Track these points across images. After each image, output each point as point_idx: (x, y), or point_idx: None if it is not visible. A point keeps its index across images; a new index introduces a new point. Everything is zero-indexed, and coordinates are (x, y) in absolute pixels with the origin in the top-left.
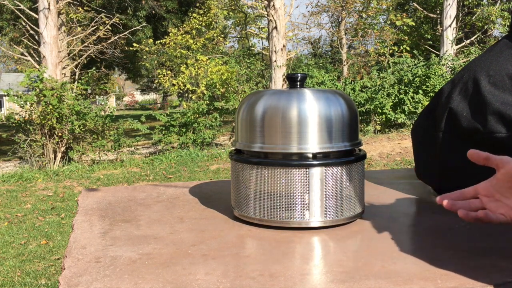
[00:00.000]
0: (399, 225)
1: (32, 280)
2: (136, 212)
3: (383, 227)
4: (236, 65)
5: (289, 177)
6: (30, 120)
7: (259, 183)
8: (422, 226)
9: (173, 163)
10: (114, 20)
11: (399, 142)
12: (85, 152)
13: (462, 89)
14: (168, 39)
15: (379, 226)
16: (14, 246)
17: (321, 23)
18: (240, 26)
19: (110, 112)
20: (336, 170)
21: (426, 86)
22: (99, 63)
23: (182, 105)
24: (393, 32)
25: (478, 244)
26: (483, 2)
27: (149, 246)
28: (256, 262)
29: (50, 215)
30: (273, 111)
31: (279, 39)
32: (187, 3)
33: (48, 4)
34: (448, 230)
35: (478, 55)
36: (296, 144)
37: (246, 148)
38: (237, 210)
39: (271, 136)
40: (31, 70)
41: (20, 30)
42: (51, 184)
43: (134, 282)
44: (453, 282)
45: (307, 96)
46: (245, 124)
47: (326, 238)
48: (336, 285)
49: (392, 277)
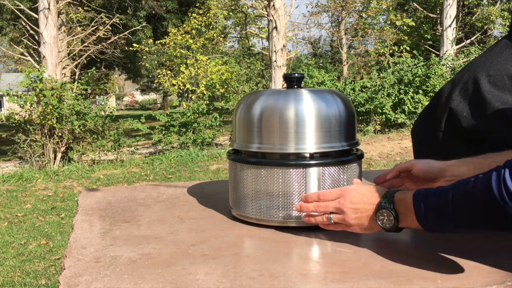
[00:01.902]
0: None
1: (32, 280)
2: (136, 212)
3: None
4: (236, 65)
5: (287, 177)
6: (30, 120)
7: (257, 183)
8: None
9: (173, 163)
10: (114, 20)
11: (399, 142)
12: (85, 152)
13: (462, 89)
14: (168, 39)
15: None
16: (14, 246)
17: (321, 23)
18: (240, 26)
19: (110, 112)
20: (333, 170)
21: (426, 86)
22: (99, 63)
23: (182, 105)
24: (393, 32)
25: (478, 244)
26: (483, 2)
27: (149, 246)
28: (256, 262)
29: (50, 215)
30: (271, 111)
31: (279, 39)
32: (187, 3)
33: (48, 4)
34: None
35: (478, 55)
36: (294, 144)
37: (244, 148)
38: (235, 210)
39: (269, 136)
40: (31, 70)
41: (20, 30)
42: (51, 184)
43: (134, 282)
44: (453, 282)
45: (305, 96)
46: (242, 124)
47: (325, 238)
48: (336, 285)
49: (392, 277)
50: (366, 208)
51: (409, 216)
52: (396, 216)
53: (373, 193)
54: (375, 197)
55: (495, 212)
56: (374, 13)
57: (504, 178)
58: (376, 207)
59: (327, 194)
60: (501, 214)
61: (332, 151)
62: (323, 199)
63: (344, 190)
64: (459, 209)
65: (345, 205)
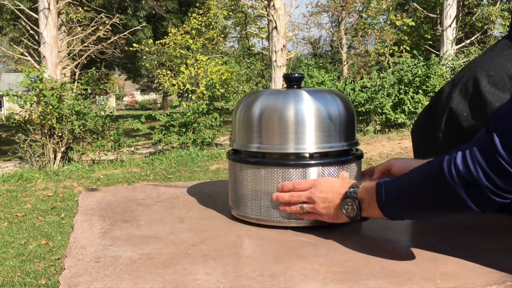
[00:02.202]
0: (399, 225)
1: (32, 280)
2: (136, 212)
3: (382, 226)
4: (236, 65)
5: (286, 177)
6: (30, 120)
7: (257, 182)
8: (422, 226)
9: (173, 163)
10: (114, 20)
11: (399, 142)
12: (85, 152)
13: (462, 89)
14: (168, 39)
15: (379, 225)
16: (14, 246)
17: (321, 23)
18: (240, 26)
19: (110, 112)
20: (333, 169)
21: (426, 86)
22: (99, 63)
23: (182, 105)
24: (393, 32)
25: (478, 244)
26: (483, 2)
27: (149, 246)
28: (256, 262)
29: (50, 215)
30: (270, 111)
31: (279, 39)
32: (187, 3)
33: (48, 4)
34: (449, 230)
35: (478, 55)
36: (293, 144)
37: (244, 148)
38: (235, 210)
39: (268, 136)
40: (31, 70)
41: (20, 30)
42: (51, 184)
43: (134, 282)
44: (453, 282)
45: (304, 96)
46: (242, 124)
47: (325, 238)
48: (336, 285)
49: (392, 277)
50: (333, 198)
51: (372, 204)
52: (359, 205)
53: (342, 183)
54: (343, 187)
55: (443, 190)
56: (374, 13)
57: (455, 157)
58: (343, 196)
59: (302, 183)
60: (447, 192)
61: (331, 151)
62: (298, 188)
63: (316, 181)
64: (415, 192)
65: (316, 195)
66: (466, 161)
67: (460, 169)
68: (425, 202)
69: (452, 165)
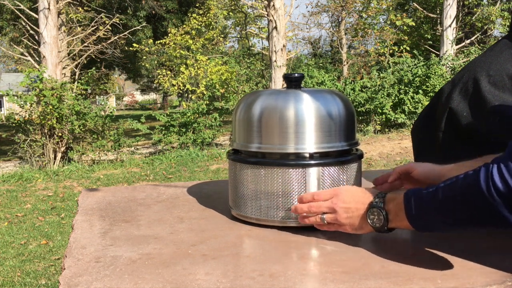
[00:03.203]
0: None
1: (32, 280)
2: (136, 212)
3: None
4: (236, 65)
5: (286, 177)
6: (30, 120)
7: (257, 183)
8: None
9: (173, 163)
10: (114, 20)
11: (399, 142)
12: (85, 152)
13: (462, 89)
14: (168, 39)
15: None
16: (14, 246)
17: (321, 23)
18: (240, 26)
19: (110, 112)
20: (333, 169)
21: (426, 86)
22: (99, 63)
23: (182, 105)
24: (393, 32)
25: (478, 244)
26: (483, 2)
27: (149, 246)
28: (256, 262)
29: (50, 215)
30: (270, 111)
31: (279, 39)
32: (187, 3)
33: (48, 4)
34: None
35: (478, 55)
36: (293, 144)
37: (244, 148)
38: (235, 210)
39: (268, 136)
40: (31, 70)
41: (20, 30)
42: (51, 184)
43: (134, 282)
44: (453, 282)
45: (304, 96)
46: (242, 124)
47: (325, 238)
48: (336, 285)
49: (392, 277)
50: (357, 208)
51: (400, 215)
52: (386, 216)
53: (365, 193)
54: (367, 197)
55: (483, 209)
56: (374, 13)
57: (492, 174)
58: (368, 206)
59: (321, 194)
60: (488, 210)
61: (332, 151)
62: (317, 199)
63: (337, 190)
64: (450, 208)
65: (338, 205)
66: (504, 178)
67: (499, 186)
68: (464, 219)
69: (491, 183)
